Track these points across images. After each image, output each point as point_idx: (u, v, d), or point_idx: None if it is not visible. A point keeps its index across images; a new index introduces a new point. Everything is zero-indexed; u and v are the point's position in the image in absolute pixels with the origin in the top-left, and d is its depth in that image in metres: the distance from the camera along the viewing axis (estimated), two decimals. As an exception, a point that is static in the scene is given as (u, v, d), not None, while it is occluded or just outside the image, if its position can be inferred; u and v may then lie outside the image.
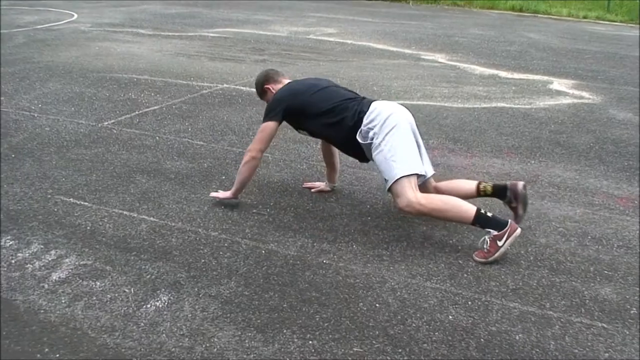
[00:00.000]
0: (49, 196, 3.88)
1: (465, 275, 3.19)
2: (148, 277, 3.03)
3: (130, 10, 13.67)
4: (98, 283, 2.96)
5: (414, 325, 2.74)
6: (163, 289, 2.93)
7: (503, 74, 8.33)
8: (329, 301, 2.89)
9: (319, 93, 3.71)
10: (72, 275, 3.02)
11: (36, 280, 2.96)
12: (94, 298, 2.84)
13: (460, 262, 3.32)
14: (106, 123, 5.40)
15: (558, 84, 7.84)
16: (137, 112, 5.75)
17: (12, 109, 5.73)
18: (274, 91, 3.81)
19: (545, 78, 8.13)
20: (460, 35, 11.93)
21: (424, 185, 3.65)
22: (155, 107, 5.96)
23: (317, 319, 2.75)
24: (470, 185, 3.74)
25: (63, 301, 2.81)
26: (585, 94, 7.35)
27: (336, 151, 4.06)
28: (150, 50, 9.14)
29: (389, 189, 3.45)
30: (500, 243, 3.29)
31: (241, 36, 10.75)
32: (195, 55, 8.87)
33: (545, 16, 16.77)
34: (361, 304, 2.89)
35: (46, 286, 2.92)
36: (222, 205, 3.84)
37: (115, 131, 5.17)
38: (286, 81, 3.90)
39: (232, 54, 9.05)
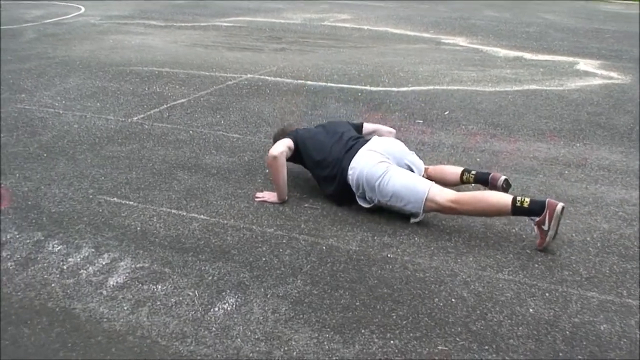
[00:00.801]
0: (91, 196, 3.74)
1: (537, 265, 3.05)
2: (210, 278, 2.88)
3: (137, 2, 13.48)
4: (159, 287, 2.82)
5: (495, 320, 2.61)
6: (228, 291, 2.79)
7: (528, 55, 8.15)
8: (402, 297, 2.75)
9: (317, 137, 3.78)
10: (131, 279, 2.87)
11: (93, 287, 2.82)
12: (158, 303, 2.70)
13: (528, 251, 3.18)
14: (135, 118, 5.25)
15: (584, 64, 7.67)
16: (165, 106, 5.59)
17: (35, 106, 5.58)
18: None
19: (571, 59, 7.96)
20: (476, 17, 11.73)
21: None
22: (183, 100, 5.80)
23: (394, 316, 2.61)
24: (455, 171, 3.76)
25: (125, 308, 2.67)
26: (613, 74, 7.17)
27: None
28: (165, 41, 8.96)
29: (424, 212, 3.42)
30: (545, 227, 3.17)
31: (255, 25, 10.57)
32: (212, 45, 8.70)
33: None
34: (436, 299, 2.75)
35: (105, 292, 2.78)
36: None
37: (146, 126, 5.02)
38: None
39: (249, 43, 8.88)
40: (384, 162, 3.52)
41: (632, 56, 8.14)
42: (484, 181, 3.71)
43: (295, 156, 3.78)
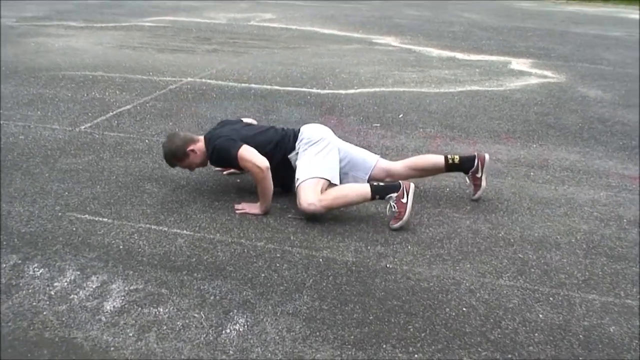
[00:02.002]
0: (60, 214, 3.52)
1: (533, 270, 3.12)
2: (212, 298, 2.77)
3: (50, 2, 12.86)
4: (161, 309, 2.69)
5: (510, 327, 2.64)
6: (235, 310, 2.70)
7: (460, 55, 8.35)
8: (413, 309, 2.74)
9: (245, 130, 3.78)
10: (128, 303, 2.72)
11: (89, 313, 2.65)
12: (164, 327, 2.57)
13: (520, 255, 3.25)
14: (83, 127, 5.00)
15: (517, 63, 7.93)
16: (111, 113, 5.36)
17: (-30, 116, 5.20)
18: (197, 151, 3.74)
19: (502, 58, 8.20)
20: (398, 16, 11.92)
21: (381, 173, 3.82)
22: (128, 107, 5.58)
23: (411, 329, 2.60)
24: (438, 158, 3.88)
25: (130, 334, 2.53)
26: (547, 72, 7.45)
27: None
28: (89, 43, 8.62)
29: (297, 188, 3.51)
30: (404, 200, 3.42)
31: (180, 25, 10.34)
32: (140, 47, 8.43)
33: (469, -6, 17.02)
34: (447, 309, 2.75)
35: (104, 319, 2.62)
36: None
37: (97, 136, 4.79)
38: (200, 137, 3.77)
39: (178, 45, 8.66)
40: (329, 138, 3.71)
41: (559, 54, 8.48)
42: (470, 161, 3.84)
43: (225, 164, 3.81)
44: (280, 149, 3.69)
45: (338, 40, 9.20)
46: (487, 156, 3.81)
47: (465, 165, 3.79)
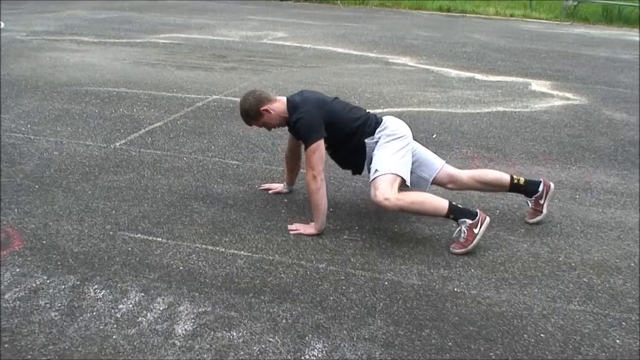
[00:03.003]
0: (111, 233, 3.45)
1: (600, 294, 3.08)
2: (284, 321, 2.71)
3: (58, 16, 12.82)
4: (234, 333, 2.62)
5: (590, 354, 2.62)
6: (310, 335, 2.63)
7: (479, 76, 8.35)
8: (490, 335, 2.68)
9: (335, 103, 3.64)
10: (199, 326, 2.65)
11: (161, 337, 2.58)
12: (241, 352, 2.51)
13: (585, 280, 3.21)
14: (118, 144, 4.93)
15: (536, 85, 7.93)
16: (143, 130, 5.30)
17: (0, 131, 5.11)
18: (272, 111, 3.60)
19: (521, 80, 8.21)
20: (409, 37, 11.94)
21: (441, 176, 3.76)
22: (159, 124, 5.51)
23: (493, 357, 2.56)
24: (504, 175, 3.82)
25: (208, 359, 2.42)
26: (568, 94, 7.45)
27: (301, 155, 3.89)
28: (107, 59, 8.55)
29: (374, 179, 3.39)
30: (476, 231, 3.35)
31: (193, 42, 10.29)
32: (158, 63, 8.37)
33: (474, 15, 17.13)
34: (525, 335, 2.70)
35: (177, 343, 2.55)
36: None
37: (133, 153, 4.71)
38: (280, 98, 3.67)
39: (196, 62, 8.62)
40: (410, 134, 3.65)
41: (576, 76, 8.51)
42: (534, 185, 3.84)
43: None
44: (362, 129, 3.57)
45: (354, 59, 9.18)
46: (552, 185, 3.84)
47: (530, 188, 3.78)
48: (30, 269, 3.04)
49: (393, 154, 3.46)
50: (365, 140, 3.58)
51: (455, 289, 3.04)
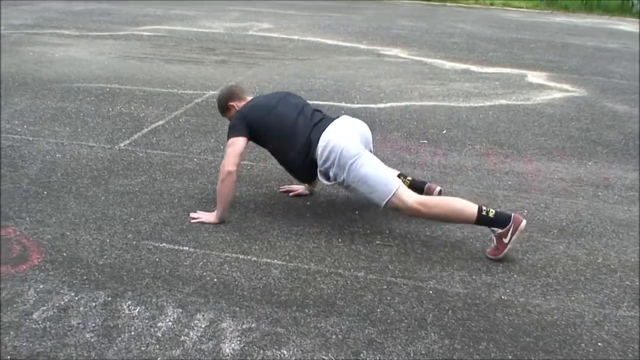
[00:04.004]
0: (134, 242, 3.28)
1: (646, 299, 2.95)
2: (334, 337, 2.58)
3: (33, 9, 12.44)
4: (284, 351, 2.49)
5: (654, 364, 2.47)
6: (364, 352, 2.52)
7: (474, 68, 8.27)
8: (548, 346, 2.60)
9: (275, 112, 3.57)
10: (247, 344, 2.51)
11: (209, 357, 2.43)
12: (296, 372, 2.34)
13: (628, 283, 3.16)
14: (122, 144, 4.74)
15: (533, 76, 7.88)
16: (145, 130, 5.11)
17: (-6, 132, 4.88)
18: (237, 108, 3.67)
19: (517, 71, 8.16)
20: (395, 27, 11.82)
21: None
22: (161, 122, 5.33)
23: (556, 369, 2.41)
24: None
25: (262, 381, 2.29)
26: (566, 86, 7.41)
27: None
28: (91, 53, 8.30)
29: (388, 203, 3.31)
30: (505, 240, 3.22)
31: (178, 34, 10.06)
32: (145, 57, 8.14)
33: (454, 4, 17.06)
34: (582, 344, 2.63)
35: (227, 363, 2.37)
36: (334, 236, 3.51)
37: (140, 154, 4.53)
38: (249, 98, 3.75)
39: (184, 55, 8.40)
40: (359, 144, 3.41)
41: (570, 67, 8.48)
42: (418, 189, 3.62)
43: (251, 137, 3.61)
44: (288, 145, 3.54)
45: (345, 51, 9.04)
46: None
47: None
48: (54, 284, 2.87)
49: (368, 184, 3.35)
50: (320, 179, 3.54)
51: (503, 297, 2.94)
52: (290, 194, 3.96)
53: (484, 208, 3.24)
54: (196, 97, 6.22)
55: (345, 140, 3.37)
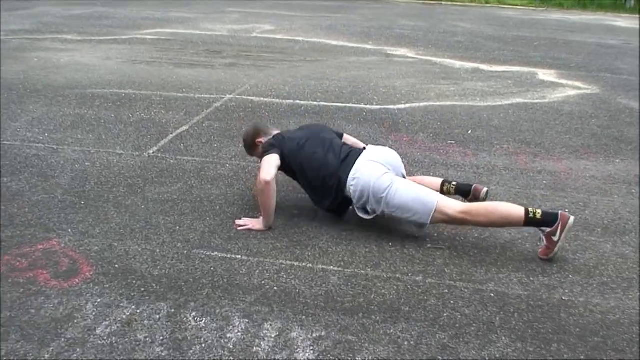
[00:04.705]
0: (185, 252, 3.25)
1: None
2: (407, 344, 2.58)
3: (30, 14, 12.33)
4: (360, 360, 2.43)
5: None
6: (440, 357, 2.53)
7: (483, 67, 8.29)
8: (617, 345, 2.64)
9: (307, 147, 3.62)
10: (321, 354, 2.51)
11: (285, 368, 2.38)
12: (377, 381, 2.32)
13: (682, 280, 3.08)
14: (151, 151, 4.70)
15: (543, 74, 7.91)
16: (171, 135, 5.07)
17: (17, 141, 4.86)
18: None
19: (526, 69, 8.18)
20: (396, 27, 11.85)
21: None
22: (185, 127, 5.30)
23: (633, 370, 2.41)
24: (435, 182, 3.76)
25: (344, 390, 2.27)
26: (577, 83, 7.44)
27: None
28: (98, 58, 8.24)
29: (431, 223, 3.37)
30: (555, 238, 3.21)
31: (181, 37, 10.01)
32: (154, 62, 8.09)
33: (450, 3, 17.09)
34: (653, 344, 2.58)
35: (305, 374, 2.35)
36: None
37: (171, 161, 4.50)
38: (276, 132, 3.79)
39: (192, 59, 8.36)
40: (388, 174, 3.42)
41: (577, 64, 8.52)
42: (465, 192, 3.71)
43: (282, 168, 3.61)
44: (318, 183, 3.59)
45: (352, 52, 9.03)
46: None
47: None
48: (112, 297, 2.83)
49: (403, 202, 3.37)
50: (360, 215, 3.54)
51: (563, 298, 2.94)
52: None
53: (530, 210, 3.25)
54: (214, 102, 6.19)
55: (373, 175, 3.39)
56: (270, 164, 3.45)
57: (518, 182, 4.30)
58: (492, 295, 2.94)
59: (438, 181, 3.78)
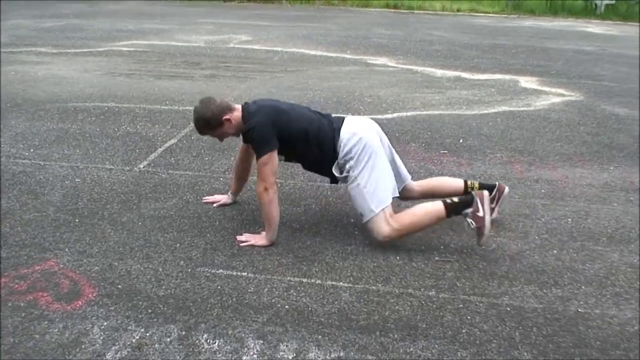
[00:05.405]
0: (189, 270, 3.15)
1: None
2: (428, 362, 2.47)
3: (2, 26, 12.04)
4: (383, 380, 2.36)
5: None
6: (464, 376, 2.40)
7: (465, 75, 8.31)
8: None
9: (295, 111, 3.50)
10: (342, 375, 2.39)
11: (306, 390, 2.30)
12: (403, 402, 2.25)
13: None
14: (141, 166, 4.60)
15: (525, 82, 7.95)
16: (160, 149, 4.97)
17: (2, 157, 4.75)
18: (233, 120, 3.42)
19: (507, 77, 8.23)
20: (372, 36, 11.86)
21: (405, 191, 3.67)
22: (174, 141, 5.19)
23: (659, 384, 2.37)
24: (457, 182, 3.79)
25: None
26: (560, 90, 7.49)
27: (251, 164, 3.79)
28: (75, 70, 8.08)
29: (365, 223, 3.40)
30: (480, 213, 3.26)
31: (158, 49, 9.88)
32: (132, 74, 7.96)
33: (422, 12, 17.19)
34: (675, 356, 2.55)
35: (328, 396, 2.27)
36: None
37: (163, 175, 4.40)
38: (237, 106, 3.47)
39: (171, 70, 8.25)
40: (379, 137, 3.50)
41: (557, 71, 8.60)
42: (490, 189, 3.69)
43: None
44: (319, 138, 3.46)
45: (332, 61, 9.00)
46: (507, 189, 3.79)
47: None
48: (119, 320, 2.72)
49: (369, 186, 3.35)
50: (333, 171, 3.48)
51: (579, 310, 2.91)
52: (215, 204, 3.96)
53: (447, 201, 3.35)
54: (200, 114, 6.04)
55: (368, 131, 3.45)
56: (273, 170, 3.30)
57: (516, 191, 4.27)
58: (508, 309, 2.90)
59: (460, 181, 3.80)
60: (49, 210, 3.83)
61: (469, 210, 3.28)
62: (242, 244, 3.40)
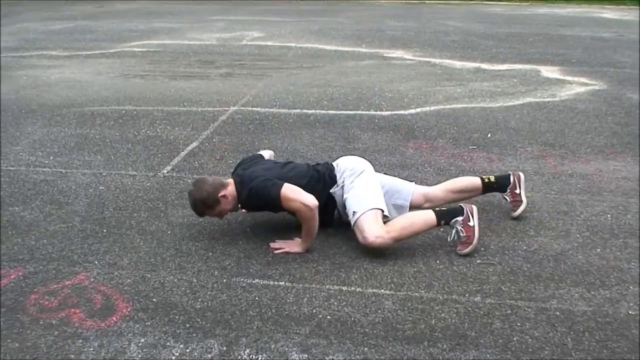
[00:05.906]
0: (225, 280, 3.06)
1: None
2: (482, 373, 2.36)
3: (10, 30, 12.00)
4: (436, 395, 2.25)
5: None
6: (521, 388, 2.29)
7: (485, 66, 8.18)
8: None
9: (279, 165, 3.60)
10: (394, 389, 2.28)
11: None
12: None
13: None
14: (165, 171, 4.51)
15: (546, 71, 7.81)
16: (183, 153, 4.88)
17: (22, 166, 4.63)
18: (229, 196, 3.40)
19: (529, 67, 8.08)
20: (386, 28, 11.72)
21: (416, 198, 3.65)
22: (196, 144, 5.10)
23: None
24: (474, 179, 3.82)
25: None
26: (584, 79, 7.35)
27: None
28: (89, 73, 7.99)
29: (355, 222, 3.29)
30: (471, 223, 3.27)
31: (171, 48, 9.77)
32: (147, 75, 7.87)
33: (434, 2, 17.02)
34: None
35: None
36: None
37: (189, 180, 4.35)
38: (230, 180, 3.48)
39: (186, 70, 8.15)
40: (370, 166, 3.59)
41: (578, 59, 8.46)
42: (504, 180, 3.77)
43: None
44: (318, 182, 3.46)
45: (348, 56, 8.87)
46: (522, 175, 3.82)
47: (502, 182, 3.75)
48: (156, 336, 2.63)
49: (364, 190, 3.38)
50: (331, 191, 3.48)
51: (630, 312, 2.82)
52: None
53: (437, 209, 3.37)
54: (219, 115, 5.99)
55: (358, 161, 3.65)
56: (292, 190, 3.26)
57: (552, 187, 4.15)
58: (558, 313, 2.80)
59: (476, 179, 3.80)
60: (74, 220, 3.74)
61: (460, 219, 3.28)
62: (276, 251, 3.30)
